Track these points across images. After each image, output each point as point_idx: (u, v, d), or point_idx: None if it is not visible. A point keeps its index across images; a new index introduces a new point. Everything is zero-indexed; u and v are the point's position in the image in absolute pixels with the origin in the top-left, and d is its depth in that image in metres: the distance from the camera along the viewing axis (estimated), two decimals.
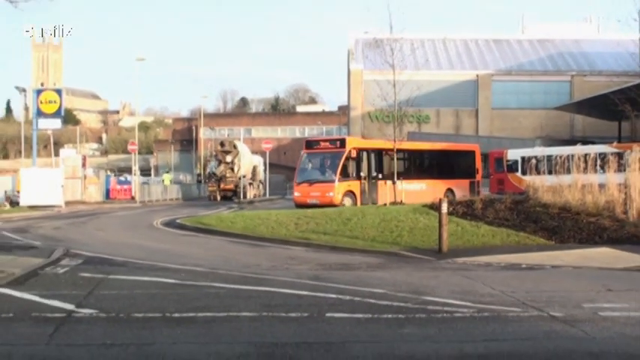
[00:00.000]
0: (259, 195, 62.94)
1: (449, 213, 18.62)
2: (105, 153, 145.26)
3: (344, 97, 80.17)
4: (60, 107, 44.33)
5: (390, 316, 9.94)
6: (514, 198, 25.45)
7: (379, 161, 36.12)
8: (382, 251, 18.20)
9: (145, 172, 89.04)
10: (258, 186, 64.02)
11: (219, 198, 54.91)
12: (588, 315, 10.08)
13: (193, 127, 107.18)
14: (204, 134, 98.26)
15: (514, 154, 48.23)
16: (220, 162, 56.77)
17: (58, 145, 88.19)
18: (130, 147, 73.09)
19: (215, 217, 27.48)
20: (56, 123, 47.01)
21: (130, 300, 11.12)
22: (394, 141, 35.22)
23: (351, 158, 34.18)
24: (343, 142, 35.38)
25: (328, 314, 10.03)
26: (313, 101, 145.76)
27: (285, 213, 27.01)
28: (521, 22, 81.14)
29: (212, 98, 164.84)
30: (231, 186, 55.24)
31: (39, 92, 45.49)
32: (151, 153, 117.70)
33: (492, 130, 66.07)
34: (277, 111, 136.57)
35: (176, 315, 9.92)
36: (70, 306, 10.37)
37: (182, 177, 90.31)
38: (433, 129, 65.92)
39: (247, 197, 54.19)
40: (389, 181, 34.48)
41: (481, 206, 23.28)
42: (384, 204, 32.69)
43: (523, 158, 46.47)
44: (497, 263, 16.05)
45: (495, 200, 25.05)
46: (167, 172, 79.07)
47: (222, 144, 59.25)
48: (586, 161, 25.70)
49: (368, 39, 64.05)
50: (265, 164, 65.52)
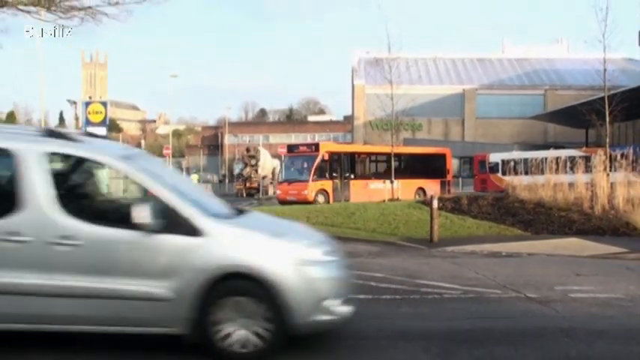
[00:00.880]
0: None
1: (439, 208, 18.56)
2: None
3: (349, 108, 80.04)
4: (105, 117, 44.05)
5: (389, 297, 9.93)
6: (495, 195, 25.45)
7: (351, 163, 35.94)
8: (381, 241, 18.15)
9: None
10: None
11: (245, 195, 55.31)
12: (559, 296, 10.05)
13: (219, 134, 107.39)
14: (228, 140, 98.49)
15: (495, 157, 48.08)
16: (246, 165, 58.01)
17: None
18: (165, 151, 73.10)
19: None
20: (102, 131, 46.52)
21: None
22: (392, 146, 35.17)
23: (324, 161, 33.99)
24: (317, 147, 35.25)
25: None
26: (322, 112, 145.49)
27: (297, 208, 26.96)
28: (501, 44, 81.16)
29: (235, 109, 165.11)
30: (255, 185, 55.76)
31: (87, 104, 45.14)
32: (183, 156, 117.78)
33: (476, 137, 65.96)
34: (291, 120, 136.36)
35: None
36: None
37: (209, 177, 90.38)
38: (425, 135, 65.85)
39: (268, 194, 54.40)
40: (361, 181, 35.09)
41: (467, 202, 23.24)
42: (383, 200, 32.60)
43: (503, 161, 46.32)
44: (480, 251, 15.99)
45: (479, 197, 25.02)
46: (195, 173, 79.47)
47: (248, 150, 60.42)
48: (557, 163, 25.64)
49: (369, 58, 64.09)
50: (281, 166, 65.73)
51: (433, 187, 37.19)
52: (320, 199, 32.86)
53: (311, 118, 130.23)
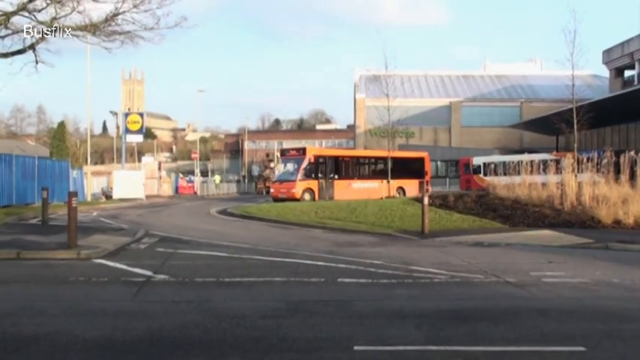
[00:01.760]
0: None
1: (429, 204, 18.52)
2: (174, 160, 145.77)
3: (351, 118, 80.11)
4: (142, 126, 44.46)
5: (386, 281, 9.90)
6: (478, 193, 25.36)
7: (336, 165, 35.39)
8: (379, 233, 18.12)
9: (204, 174, 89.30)
10: None
11: (264, 193, 55.66)
12: (534, 281, 10.01)
13: (240, 141, 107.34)
14: (247, 146, 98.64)
15: (478, 161, 48.02)
16: (266, 167, 59.64)
17: (140, 154, 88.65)
18: (193, 155, 73.23)
19: (255, 207, 27.46)
20: (139, 138, 47.17)
21: (193, 268, 11.13)
22: (388, 150, 35.09)
23: (311, 163, 33.55)
24: (304, 151, 34.81)
25: (339, 279, 10.01)
26: (329, 121, 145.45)
27: (307, 204, 26.99)
28: (483, 62, 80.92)
29: (254, 119, 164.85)
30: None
31: (127, 115, 45.62)
32: (209, 159, 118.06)
33: (461, 143, 65.90)
34: (302, 129, 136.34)
35: (227, 280, 9.92)
36: (149, 272, 10.39)
37: (231, 177, 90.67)
38: (417, 142, 65.75)
39: None
40: (344, 181, 34.70)
41: (453, 199, 23.22)
42: (381, 197, 32.53)
43: (484, 163, 46.28)
44: (465, 242, 15.94)
45: (464, 195, 24.98)
46: (217, 174, 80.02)
47: (267, 155, 61.88)
48: (532, 166, 25.63)
49: (369, 75, 63.99)
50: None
51: (412, 187, 37.10)
52: (307, 197, 32.42)
53: (319, 127, 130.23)
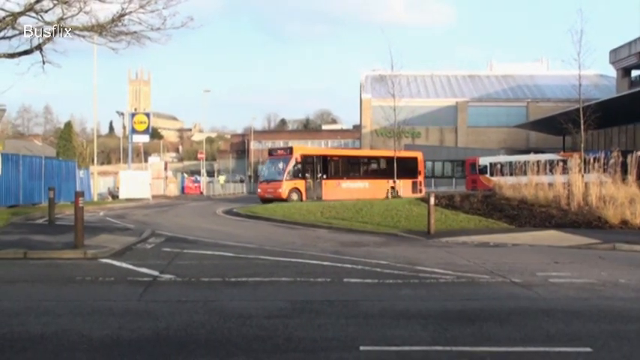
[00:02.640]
0: None
1: (435, 204, 18.49)
2: (181, 160, 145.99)
3: (357, 118, 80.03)
4: (148, 126, 44.57)
5: (391, 281, 9.90)
6: (484, 193, 25.33)
7: (324, 165, 34.79)
8: (385, 233, 18.09)
9: (210, 174, 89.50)
10: None
11: None
12: (541, 281, 9.98)
13: (246, 141, 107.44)
14: (253, 146, 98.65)
15: (484, 161, 48.00)
16: None
17: (147, 154, 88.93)
18: (199, 155, 73.52)
19: (261, 207, 27.46)
20: (145, 138, 47.30)
21: (199, 268, 11.15)
22: (394, 150, 35.02)
23: (298, 162, 33.15)
24: (291, 150, 34.43)
25: (345, 279, 10.00)
26: (335, 121, 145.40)
27: (313, 204, 26.98)
28: (489, 63, 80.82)
29: (260, 119, 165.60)
30: None
31: (133, 115, 45.76)
32: (215, 160, 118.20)
33: (468, 143, 65.87)
34: (308, 129, 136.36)
35: (233, 279, 9.93)
36: (155, 272, 10.41)
37: (237, 177, 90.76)
38: (424, 142, 65.78)
39: None
40: (333, 180, 34.25)
41: (459, 199, 23.19)
42: (386, 197, 32.44)
43: (491, 164, 46.25)
44: (471, 242, 15.91)
45: (470, 195, 24.96)
46: (222, 175, 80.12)
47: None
48: (538, 166, 25.57)
49: (375, 75, 64.13)
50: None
51: (405, 187, 36.59)
52: (294, 197, 32.14)
53: (325, 127, 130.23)
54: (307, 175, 33.40)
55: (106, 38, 19.38)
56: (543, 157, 32.13)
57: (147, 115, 46.05)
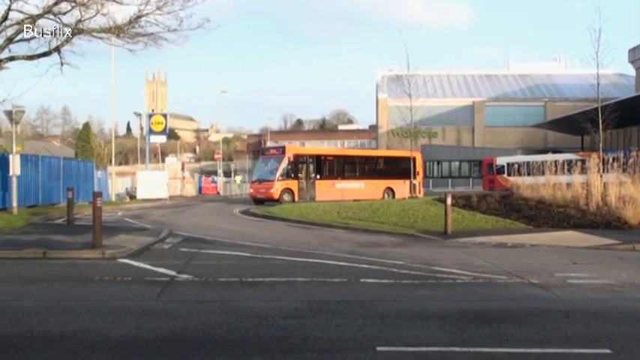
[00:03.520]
0: None
1: (452, 205, 18.41)
2: (198, 160, 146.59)
3: (373, 119, 79.98)
4: (165, 127, 44.78)
5: (408, 282, 9.87)
6: (501, 194, 25.19)
7: (317, 164, 33.95)
8: (402, 233, 18.06)
9: (227, 175, 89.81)
10: None
11: None
12: (559, 282, 9.91)
13: (262, 141, 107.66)
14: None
15: (501, 161, 47.74)
16: None
17: (164, 155, 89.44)
18: (216, 156, 73.85)
19: (278, 208, 27.49)
20: (163, 139, 47.57)
21: (216, 268, 11.19)
22: (411, 150, 34.91)
23: (290, 162, 32.32)
24: (284, 149, 33.63)
25: (362, 280, 10.00)
26: (351, 122, 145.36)
27: (330, 204, 26.96)
28: (506, 62, 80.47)
29: (276, 119, 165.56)
30: None
31: (150, 116, 45.99)
32: (231, 160, 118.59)
33: (485, 143, 65.58)
34: (324, 129, 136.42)
35: (250, 279, 9.96)
36: (173, 272, 10.47)
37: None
38: (440, 142, 65.65)
39: None
40: (327, 181, 33.42)
41: (476, 200, 23.06)
42: (403, 198, 32.26)
43: (508, 163, 45.98)
44: (488, 242, 15.84)
45: (487, 195, 24.81)
46: (238, 175, 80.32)
47: None
48: (556, 166, 25.37)
49: (391, 75, 64.08)
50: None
51: (402, 188, 35.57)
52: (286, 198, 31.48)
53: (341, 127, 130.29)
54: (300, 175, 32.72)
55: (124, 40, 19.57)
56: (561, 157, 31.89)
57: (164, 116, 46.29)
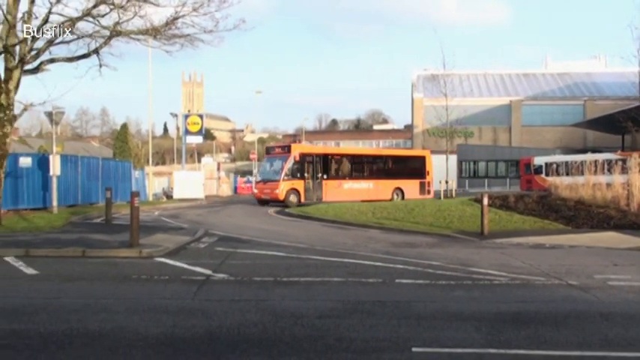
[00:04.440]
0: None
1: (489, 205, 18.22)
2: (233, 160, 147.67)
3: (409, 118, 79.66)
4: (201, 127, 45.13)
5: (444, 282, 9.80)
6: (539, 194, 24.88)
7: (324, 164, 32.62)
8: (438, 233, 17.94)
9: None
10: None
11: None
12: (599, 284, 9.74)
13: (297, 141, 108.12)
14: None
15: (539, 160, 47.07)
16: None
17: (200, 155, 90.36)
18: (251, 156, 74.16)
19: (313, 207, 27.53)
20: (199, 139, 47.90)
21: (251, 267, 11.26)
22: (447, 152, 34.63)
23: (296, 161, 31.16)
24: (289, 148, 32.31)
25: (397, 280, 9.96)
26: (386, 121, 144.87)
27: (365, 205, 26.92)
28: (544, 60, 79.34)
29: (311, 120, 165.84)
30: None
31: (186, 117, 46.39)
32: None
33: (522, 142, 64.76)
34: (359, 129, 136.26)
35: (284, 279, 9.99)
36: (209, 271, 10.57)
37: None
38: (476, 142, 65.03)
39: None
40: (334, 181, 32.40)
41: (514, 200, 22.83)
42: (439, 198, 31.97)
43: (546, 163, 45.35)
44: (526, 243, 15.64)
45: (525, 195, 24.54)
46: None
47: None
48: (596, 166, 24.98)
49: (427, 74, 63.70)
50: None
51: (412, 188, 35.02)
52: (292, 199, 30.52)
53: (376, 127, 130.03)
54: (307, 175, 31.64)
55: (160, 41, 19.82)
56: (601, 157, 31.37)
57: (200, 117, 46.68)
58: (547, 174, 43.09)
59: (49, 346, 6.13)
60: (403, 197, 33.70)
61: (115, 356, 5.86)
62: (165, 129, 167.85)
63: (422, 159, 37.16)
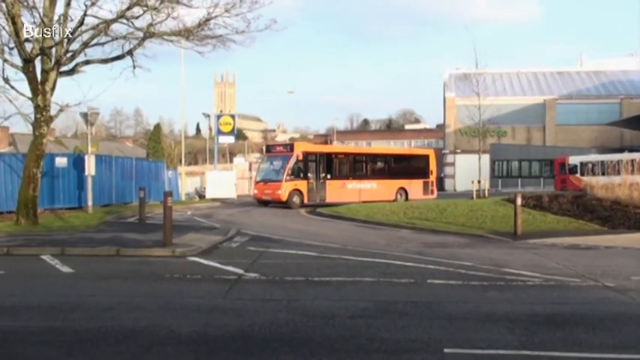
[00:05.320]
0: None
1: (522, 205, 18.00)
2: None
3: (441, 118, 79.17)
4: (234, 128, 45.34)
5: (476, 283, 9.72)
6: (574, 194, 24.49)
7: (328, 163, 31.16)
8: (470, 234, 17.78)
9: None
10: None
11: None
12: (636, 285, 9.57)
13: (328, 141, 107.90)
14: None
15: (574, 160, 46.36)
16: None
17: (232, 155, 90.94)
18: None
19: (344, 207, 27.49)
20: (231, 139, 48.15)
21: (283, 267, 11.30)
22: (479, 151, 34.29)
23: (299, 160, 29.74)
24: (292, 147, 30.96)
25: (429, 280, 9.91)
26: (417, 121, 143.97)
27: (396, 204, 26.82)
28: (579, 58, 78.17)
29: (342, 119, 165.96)
30: None
31: (219, 117, 46.65)
32: None
33: (556, 142, 63.89)
34: (390, 129, 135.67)
35: (316, 279, 10.01)
36: (240, 271, 10.63)
37: None
38: (509, 141, 64.36)
39: None
40: (338, 181, 31.14)
41: (548, 200, 22.53)
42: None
43: (581, 163, 44.67)
44: (560, 244, 15.43)
45: (559, 195, 24.18)
46: None
47: None
48: (633, 165, 24.51)
49: (459, 73, 63.26)
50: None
51: (415, 188, 33.94)
52: (295, 200, 29.24)
53: (408, 127, 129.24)
54: (310, 175, 30.18)
55: (193, 42, 20.01)
56: (638, 156, 30.74)
57: (232, 117, 46.92)
58: (582, 174, 42.44)
59: (85, 343, 6.23)
60: (407, 198, 32.82)
61: (149, 354, 5.93)
62: (197, 129, 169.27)
63: (425, 158, 36.05)
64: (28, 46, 17.81)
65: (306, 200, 29.60)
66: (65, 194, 24.74)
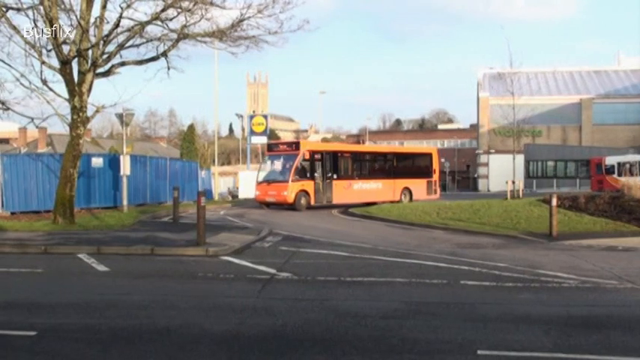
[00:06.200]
0: None
1: (557, 206, 17.73)
2: None
3: (474, 117, 78.45)
4: (266, 128, 45.59)
5: (510, 285, 9.61)
6: (611, 195, 24.03)
7: (334, 162, 29.72)
8: (504, 234, 17.58)
9: None
10: None
11: None
12: None
13: (360, 141, 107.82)
14: None
15: (611, 160, 45.56)
16: None
17: (265, 155, 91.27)
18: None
19: (376, 208, 27.40)
20: (263, 139, 48.33)
21: (315, 267, 11.32)
22: (514, 151, 33.85)
23: (306, 160, 28.52)
24: (298, 145, 29.56)
25: (462, 281, 9.83)
26: (451, 121, 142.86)
27: (429, 204, 26.63)
28: (617, 57, 76.72)
29: (375, 119, 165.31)
30: None
31: (251, 117, 46.98)
32: None
33: (593, 142, 62.86)
34: (423, 128, 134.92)
35: (348, 279, 10.00)
36: (273, 270, 10.67)
37: None
38: (545, 141, 63.55)
39: None
40: (344, 181, 29.80)
41: (584, 201, 22.15)
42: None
43: (619, 163, 43.89)
44: (597, 245, 15.17)
45: (595, 196, 23.75)
46: None
47: None
48: None
49: (493, 73, 62.70)
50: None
51: (420, 188, 33.03)
52: (302, 201, 27.69)
53: (441, 127, 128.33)
54: (316, 175, 28.71)
55: (226, 43, 20.18)
56: None
57: (264, 117, 47.19)
58: (619, 174, 41.67)
59: (119, 341, 6.32)
60: (411, 198, 32.11)
61: (182, 352, 5.99)
62: (230, 129, 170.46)
63: (428, 156, 34.98)
64: (65, 49, 18.15)
65: (312, 202, 28.30)
66: (101, 194, 25.14)
